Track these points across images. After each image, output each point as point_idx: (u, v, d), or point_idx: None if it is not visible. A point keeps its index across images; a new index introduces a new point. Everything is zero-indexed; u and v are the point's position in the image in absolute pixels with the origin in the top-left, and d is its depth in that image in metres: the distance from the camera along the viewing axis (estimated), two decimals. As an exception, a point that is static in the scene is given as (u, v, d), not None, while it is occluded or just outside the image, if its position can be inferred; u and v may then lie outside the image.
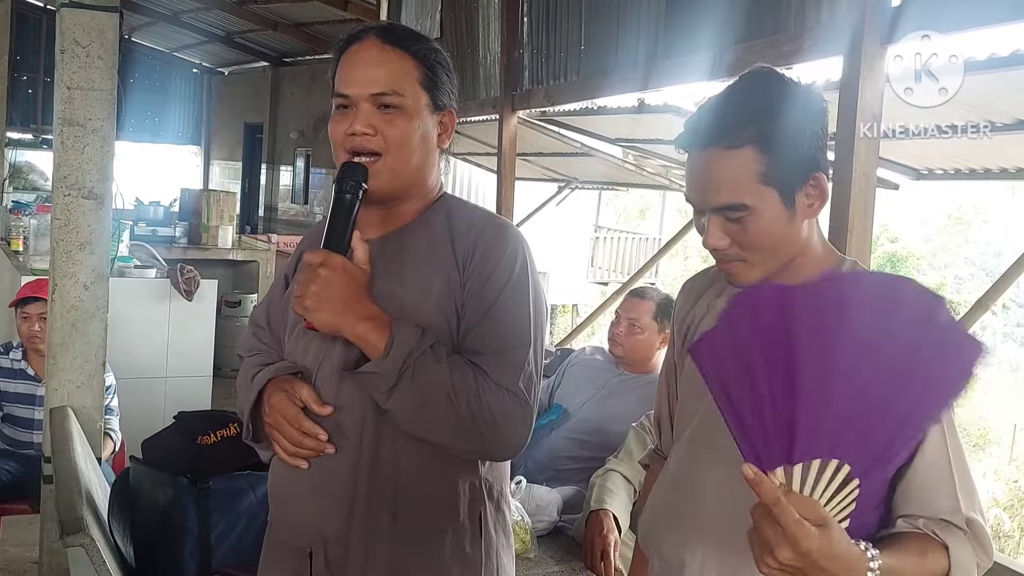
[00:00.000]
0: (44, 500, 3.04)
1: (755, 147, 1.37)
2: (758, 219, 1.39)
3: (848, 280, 1.34)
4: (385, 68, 1.50)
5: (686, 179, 1.47)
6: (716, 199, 1.40)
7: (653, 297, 3.18)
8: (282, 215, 15.04)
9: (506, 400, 1.43)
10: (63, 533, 2.03)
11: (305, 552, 1.53)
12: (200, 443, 2.60)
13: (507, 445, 1.47)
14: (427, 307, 1.49)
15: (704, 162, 1.41)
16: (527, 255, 1.54)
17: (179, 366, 5.60)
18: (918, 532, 1.32)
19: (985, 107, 3.36)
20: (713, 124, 1.40)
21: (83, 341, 3.05)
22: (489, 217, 1.59)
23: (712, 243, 1.43)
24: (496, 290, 1.49)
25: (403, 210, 1.58)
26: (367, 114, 1.49)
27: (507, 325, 1.48)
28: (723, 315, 1.27)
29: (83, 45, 2.98)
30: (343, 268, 1.42)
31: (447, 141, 1.60)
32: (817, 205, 1.43)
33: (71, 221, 3.01)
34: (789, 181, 1.39)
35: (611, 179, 8.06)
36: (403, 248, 1.56)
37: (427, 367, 1.41)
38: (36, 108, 14.98)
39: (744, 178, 1.37)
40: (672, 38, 4.26)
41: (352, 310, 1.41)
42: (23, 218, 6.35)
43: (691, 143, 1.44)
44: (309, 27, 12.91)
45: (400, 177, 1.52)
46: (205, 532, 2.44)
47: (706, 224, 1.44)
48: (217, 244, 7.63)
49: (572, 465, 3.01)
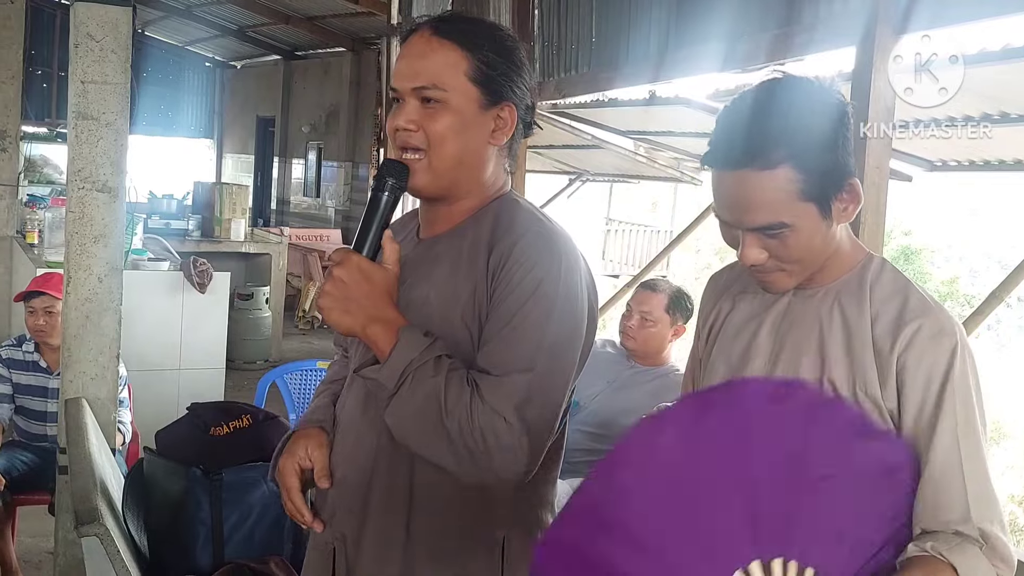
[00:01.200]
0: (59, 491, 3.06)
1: (790, 166, 1.34)
2: (797, 234, 1.38)
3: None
4: (429, 60, 1.44)
5: (716, 197, 1.42)
6: (754, 220, 1.38)
7: (665, 290, 3.18)
8: (294, 208, 15.07)
9: (500, 425, 1.32)
10: (78, 523, 2.04)
11: (330, 548, 1.54)
12: (213, 435, 2.62)
13: (502, 472, 1.35)
14: (453, 316, 1.43)
15: (738, 184, 1.37)
16: (564, 268, 1.42)
17: (192, 358, 5.63)
18: (924, 555, 1.31)
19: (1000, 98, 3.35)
20: (743, 145, 1.36)
21: (97, 333, 3.07)
22: (534, 224, 1.46)
23: (751, 260, 1.41)
24: (516, 305, 1.39)
25: (455, 210, 1.51)
26: (411, 109, 1.44)
27: (516, 345, 1.38)
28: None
29: (97, 39, 3.00)
30: (358, 268, 1.36)
31: (504, 137, 1.49)
32: (851, 208, 1.42)
33: (85, 214, 3.03)
34: (825, 193, 1.37)
35: (622, 171, 8.05)
36: (446, 251, 1.49)
37: (424, 379, 1.33)
38: (50, 102, 15.03)
39: (782, 198, 1.35)
40: (684, 29, 4.24)
41: (364, 311, 1.35)
42: (38, 211, 6.40)
43: (722, 164, 1.39)
44: (321, 20, 12.91)
45: (442, 176, 1.45)
46: (218, 523, 2.45)
47: (742, 241, 1.41)
48: (230, 237, 7.66)
49: (584, 457, 3.01)
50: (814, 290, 1.47)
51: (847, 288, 1.45)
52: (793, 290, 1.49)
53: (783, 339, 1.48)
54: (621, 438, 1.31)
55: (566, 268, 1.42)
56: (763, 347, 1.50)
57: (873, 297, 1.43)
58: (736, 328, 1.55)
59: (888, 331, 1.39)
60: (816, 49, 3.28)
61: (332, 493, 1.54)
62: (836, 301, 1.45)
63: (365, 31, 12.37)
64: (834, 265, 1.46)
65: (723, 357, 1.56)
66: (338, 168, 13.53)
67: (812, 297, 1.47)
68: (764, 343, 1.50)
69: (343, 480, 1.52)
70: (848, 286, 1.45)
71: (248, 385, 6.36)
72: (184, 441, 2.62)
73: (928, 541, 1.32)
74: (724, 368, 1.55)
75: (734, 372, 1.53)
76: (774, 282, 1.45)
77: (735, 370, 1.52)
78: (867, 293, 1.43)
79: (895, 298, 1.41)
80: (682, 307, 3.14)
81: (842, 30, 3.15)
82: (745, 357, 1.51)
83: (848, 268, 1.47)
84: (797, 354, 1.46)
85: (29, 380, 3.77)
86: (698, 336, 1.68)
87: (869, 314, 1.41)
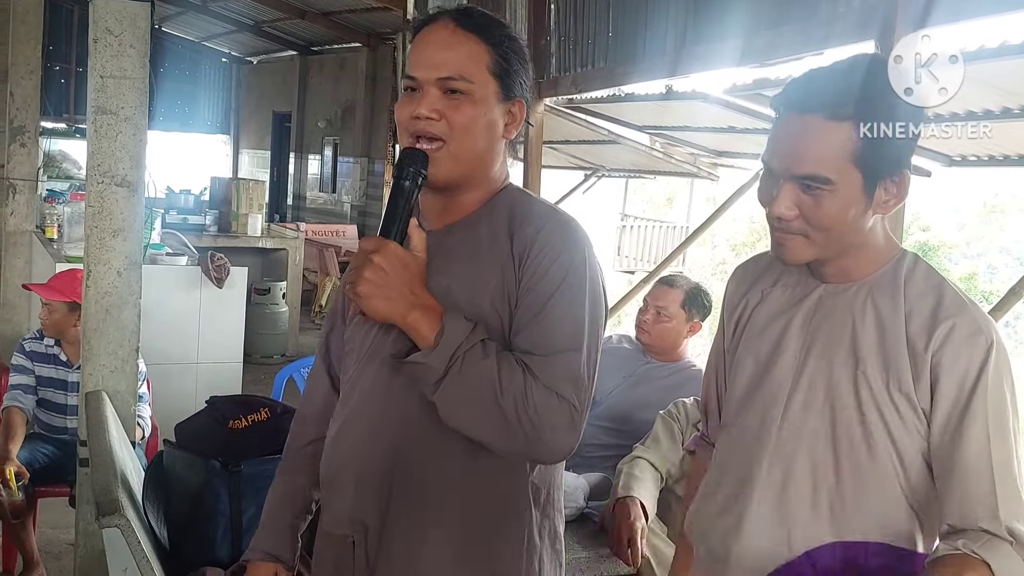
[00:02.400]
0: (80, 483, 3.09)
1: (855, 125, 1.35)
2: (834, 198, 1.38)
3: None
4: (455, 52, 1.46)
5: (771, 142, 1.44)
6: (801, 168, 1.38)
7: (682, 286, 3.16)
8: (310, 204, 15.11)
9: (553, 403, 1.38)
10: (99, 514, 2.06)
11: (348, 541, 1.53)
12: (232, 427, 2.63)
13: (553, 448, 1.41)
14: (481, 302, 1.46)
15: (799, 128, 1.39)
16: (587, 254, 1.47)
17: (210, 352, 5.66)
18: (956, 553, 1.32)
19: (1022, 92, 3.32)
20: (819, 92, 1.38)
21: (117, 327, 3.09)
22: (552, 212, 1.51)
23: (780, 211, 1.41)
24: (551, 288, 1.43)
25: (465, 200, 1.54)
26: (433, 98, 1.45)
27: (559, 326, 1.42)
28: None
29: (115, 34, 3.01)
30: (396, 256, 1.39)
31: (514, 132, 1.54)
32: (893, 203, 1.42)
33: (104, 208, 3.05)
34: (876, 168, 1.37)
35: (638, 167, 8.03)
36: (461, 241, 1.52)
37: (476, 361, 1.37)
38: (69, 97, 15.13)
39: (835, 152, 1.36)
40: (701, 24, 4.23)
41: (405, 298, 1.38)
42: (57, 206, 6.45)
43: (790, 106, 1.41)
44: (337, 16, 12.93)
45: (462, 165, 1.48)
46: (237, 515, 2.47)
47: (778, 191, 1.41)
48: (247, 232, 7.70)
49: (599, 452, 3.02)
50: (847, 285, 1.47)
51: (880, 283, 1.45)
52: (824, 284, 1.49)
53: (815, 333, 1.48)
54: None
55: (588, 252, 1.48)
56: (793, 341, 1.49)
57: (907, 293, 1.42)
58: (765, 321, 1.55)
59: (923, 328, 1.38)
60: (835, 44, 3.26)
61: (349, 487, 1.53)
62: (869, 296, 1.44)
63: (381, 26, 12.38)
64: (868, 259, 1.46)
65: (751, 351, 1.56)
66: (354, 164, 13.55)
67: (845, 292, 1.47)
68: (795, 337, 1.49)
69: (362, 474, 1.51)
70: (881, 281, 1.45)
71: (265, 379, 6.39)
72: (203, 434, 2.63)
73: (958, 539, 1.32)
74: (752, 363, 1.54)
75: (762, 367, 1.52)
76: (792, 247, 1.44)
77: (763, 365, 1.52)
78: (901, 289, 1.43)
79: (929, 295, 1.41)
80: (699, 304, 3.13)
81: (861, 24, 3.14)
82: (775, 352, 1.51)
83: (882, 263, 1.46)
84: (829, 349, 1.45)
85: (50, 373, 3.80)
86: (723, 329, 1.67)
87: (903, 310, 1.41)
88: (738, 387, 1.57)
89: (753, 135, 5.24)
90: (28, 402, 3.75)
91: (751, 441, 1.51)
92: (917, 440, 1.41)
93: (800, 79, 1.43)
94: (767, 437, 1.48)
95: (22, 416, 3.69)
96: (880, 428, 1.41)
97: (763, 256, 1.64)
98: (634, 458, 2.72)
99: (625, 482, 2.61)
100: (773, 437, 1.48)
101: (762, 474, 1.48)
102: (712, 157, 6.63)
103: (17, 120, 6.60)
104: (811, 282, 1.52)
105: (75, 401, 3.67)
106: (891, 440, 1.41)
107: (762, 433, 1.49)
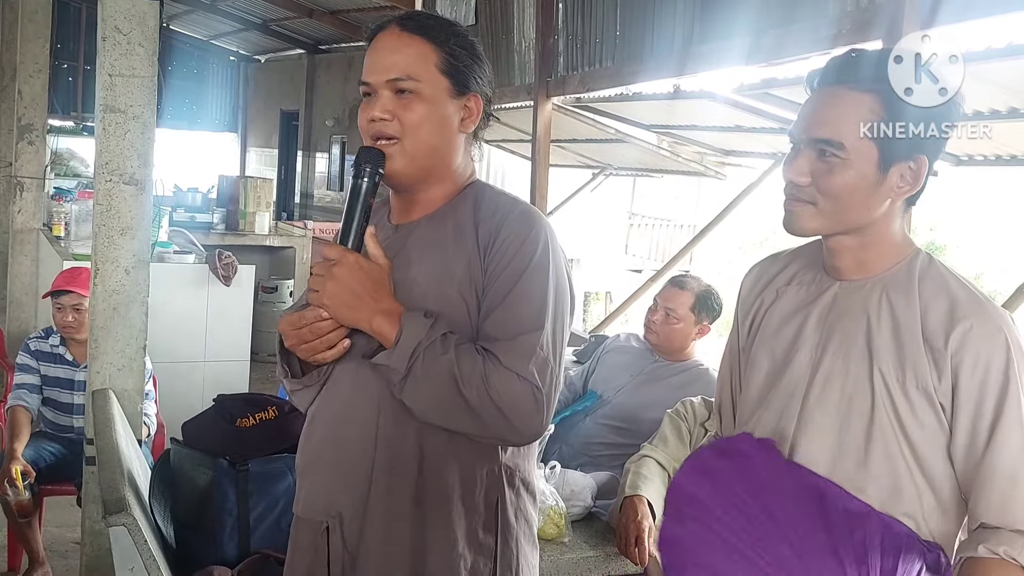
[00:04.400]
0: (87, 481, 3.10)
1: (878, 97, 1.38)
2: (847, 167, 1.40)
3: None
4: (401, 54, 1.53)
5: (799, 114, 1.48)
6: (819, 131, 1.41)
7: (693, 288, 3.14)
8: (318, 202, 15.12)
9: (515, 384, 1.43)
10: (106, 513, 2.06)
11: (322, 527, 1.56)
12: (239, 426, 2.64)
13: (522, 430, 1.46)
14: (449, 293, 1.51)
15: (825, 96, 1.43)
16: (550, 241, 1.53)
17: (217, 350, 5.66)
18: (992, 559, 1.33)
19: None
20: (851, 66, 1.42)
21: (124, 325, 3.10)
22: (515, 203, 1.58)
23: (793, 174, 1.43)
24: (515, 275, 1.49)
25: (430, 196, 1.60)
26: (385, 100, 1.53)
27: (523, 310, 1.48)
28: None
29: (124, 32, 3.02)
30: (357, 265, 1.47)
31: (471, 125, 1.60)
32: (907, 188, 1.43)
33: (112, 206, 3.06)
34: (893, 147, 1.39)
35: (646, 165, 8.01)
36: (428, 235, 1.58)
37: (435, 358, 1.42)
38: (76, 95, 15.15)
39: (854, 120, 1.39)
40: (708, 23, 4.22)
41: (367, 306, 1.45)
42: (65, 204, 6.45)
43: (823, 81, 1.45)
44: (345, 14, 12.93)
45: (417, 160, 1.54)
46: (244, 513, 2.47)
47: (796, 154, 1.44)
48: (254, 230, 7.69)
49: (606, 451, 3.01)
50: (862, 281, 1.47)
51: (895, 281, 1.45)
52: (840, 281, 1.49)
53: (830, 331, 1.48)
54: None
55: (551, 239, 1.53)
56: (809, 339, 1.50)
57: (922, 291, 1.43)
58: (780, 320, 1.55)
59: (940, 327, 1.39)
60: (842, 43, 3.25)
61: (323, 473, 1.58)
62: (884, 293, 1.45)
63: (389, 25, 12.36)
64: (884, 252, 1.46)
65: (766, 350, 1.56)
66: (361, 162, 13.54)
67: (860, 289, 1.47)
68: (811, 335, 1.50)
69: (337, 462, 1.56)
70: (896, 279, 1.45)
71: (272, 378, 6.39)
72: (210, 432, 2.63)
73: (991, 540, 1.33)
74: (768, 361, 1.55)
75: (778, 365, 1.53)
76: (800, 214, 1.46)
77: (779, 363, 1.52)
78: (915, 286, 1.43)
79: (944, 293, 1.41)
80: (708, 307, 3.12)
81: (868, 23, 3.13)
82: (791, 350, 1.52)
83: (897, 259, 1.47)
84: (845, 345, 1.46)
85: (56, 372, 3.81)
86: (737, 328, 1.67)
87: (919, 307, 1.41)
88: (754, 386, 1.57)
89: (760, 134, 5.23)
90: (33, 401, 3.76)
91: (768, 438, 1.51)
92: (935, 437, 1.41)
93: (838, 57, 1.46)
94: (784, 434, 1.48)
95: (27, 415, 3.70)
96: (896, 425, 1.41)
97: (779, 255, 1.64)
98: (642, 457, 2.72)
99: (632, 481, 2.61)
100: (791, 435, 1.48)
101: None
102: (719, 156, 6.62)
103: (25, 118, 6.62)
104: (826, 280, 1.52)
105: (81, 400, 3.68)
106: (905, 437, 1.41)
107: (779, 430, 1.49)
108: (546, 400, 1.46)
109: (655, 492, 2.60)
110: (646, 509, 2.53)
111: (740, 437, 1.52)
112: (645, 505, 2.53)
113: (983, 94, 3.38)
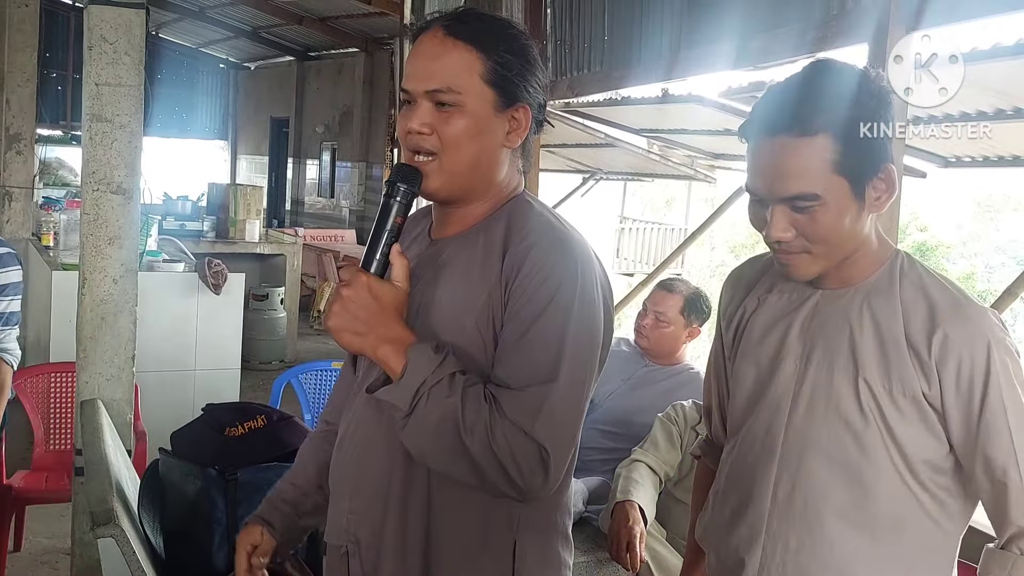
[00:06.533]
0: (75, 492, 3.08)
1: (829, 135, 1.34)
2: (826, 210, 1.37)
3: None
4: (442, 62, 1.39)
5: (750, 169, 1.43)
6: (786, 189, 1.37)
7: (682, 291, 3.15)
8: (308, 209, 15.12)
9: (521, 442, 1.30)
10: (94, 524, 2.05)
11: (342, 551, 1.52)
12: (228, 435, 2.62)
13: (524, 488, 1.32)
14: (465, 324, 1.39)
15: (774, 150, 1.38)
16: (579, 276, 1.37)
17: (207, 359, 5.63)
18: (1010, 554, 1.35)
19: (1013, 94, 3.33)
20: (785, 111, 1.37)
21: (113, 334, 3.08)
22: (549, 228, 1.42)
23: (777, 235, 1.40)
24: (533, 316, 1.35)
25: (470, 212, 1.47)
26: (424, 112, 1.40)
27: (536, 356, 1.34)
28: None
29: (111, 42, 3.01)
30: (368, 289, 1.33)
31: (518, 139, 1.46)
32: (884, 198, 1.41)
33: (100, 216, 3.05)
34: (860, 171, 1.36)
35: (636, 170, 8.04)
36: (458, 255, 1.46)
37: (440, 399, 1.30)
38: (65, 105, 15.11)
39: (816, 167, 1.35)
40: (696, 27, 4.23)
41: (374, 332, 1.33)
42: (53, 213, 6.43)
43: (760, 131, 1.40)
44: (334, 21, 12.95)
45: (456, 179, 1.42)
46: (233, 523, 2.45)
47: (770, 216, 1.40)
48: (244, 238, 7.69)
49: (598, 456, 3.01)
50: (843, 290, 1.46)
51: (876, 288, 1.44)
52: (821, 289, 1.48)
53: (813, 340, 1.47)
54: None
55: (582, 273, 1.39)
56: (793, 349, 1.48)
57: (903, 296, 1.41)
58: (763, 329, 1.53)
59: (922, 334, 1.38)
60: (829, 46, 3.26)
61: (343, 498, 1.53)
62: (865, 301, 1.43)
63: (378, 31, 12.39)
64: (862, 262, 1.45)
65: (751, 360, 1.54)
66: (352, 168, 13.56)
67: (841, 297, 1.46)
68: (794, 345, 1.48)
69: (358, 487, 1.50)
70: (877, 286, 1.44)
71: (263, 385, 6.38)
72: (199, 442, 2.62)
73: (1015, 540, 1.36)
74: (753, 371, 1.53)
75: (764, 375, 1.51)
76: (798, 265, 1.43)
77: (765, 373, 1.51)
78: (896, 292, 1.42)
79: (923, 298, 1.40)
80: (698, 310, 3.12)
81: (855, 27, 3.14)
82: (775, 360, 1.50)
83: (877, 266, 1.45)
84: (829, 355, 1.44)
85: None
86: (720, 335, 1.66)
87: (900, 313, 1.40)
88: (741, 396, 1.56)
89: (749, 137, 5.23)
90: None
91: (758, 451, 1.50)
92: (924, 442, 1.40)
93: (761, 103, 1.42)
94: (773, 446, 1.47)
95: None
96: (884, 433, 1.40)
97: (757, 260, 1.63)
98: (632, 461, 2.71)
99: (624, 486, 2.61)
100: (779, 446, 1.47)
101: (770, 484, 1.47)
102: (709, 159, 6.63)
103: (13, 127, 6.61)
104: (807, 288, 1.50)
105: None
106: (896, 445, 1.40)
107: (768, 442, 1.48)
108: (554, 461, 1.32)
109: (646, 497, 2.60)
110: (637, 514, 2.52)
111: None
112: (636, 510, 2.53)
113: (970, 95, 3.39)
